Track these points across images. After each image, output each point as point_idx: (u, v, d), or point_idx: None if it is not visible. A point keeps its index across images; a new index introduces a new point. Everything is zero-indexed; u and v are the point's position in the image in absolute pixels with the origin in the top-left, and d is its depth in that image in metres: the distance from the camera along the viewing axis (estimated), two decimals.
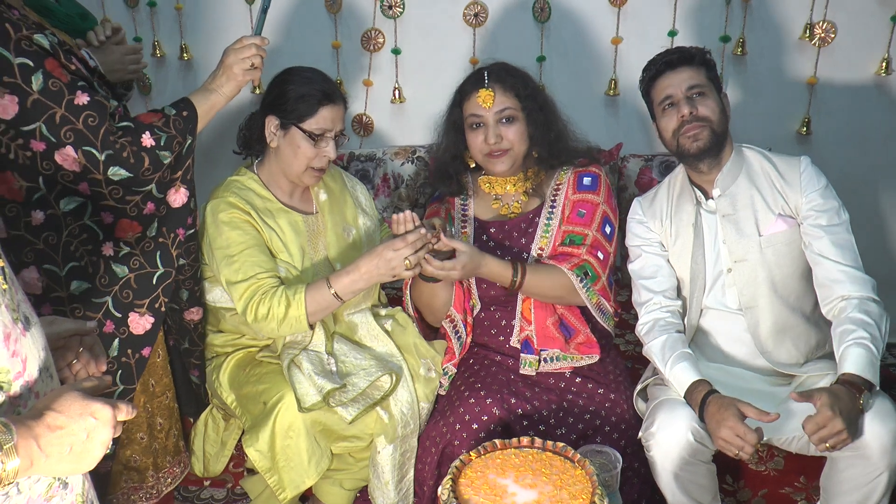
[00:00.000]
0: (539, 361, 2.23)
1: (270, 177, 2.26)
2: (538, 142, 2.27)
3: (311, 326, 2.14)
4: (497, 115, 2.23)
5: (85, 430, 1.03)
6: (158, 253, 2.02)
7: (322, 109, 2.15)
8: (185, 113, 1.98)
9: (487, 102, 2.22)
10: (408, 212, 2.07)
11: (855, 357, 1.88)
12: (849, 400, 1.81)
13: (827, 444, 1.79)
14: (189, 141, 2.00)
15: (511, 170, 2.30)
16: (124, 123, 1.90)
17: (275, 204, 2.24)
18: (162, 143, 1.92)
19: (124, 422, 1.10)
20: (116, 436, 1.07)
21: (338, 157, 2.92)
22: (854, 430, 1.80)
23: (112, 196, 1.91)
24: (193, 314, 2.20)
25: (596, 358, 2.24)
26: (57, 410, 1.02)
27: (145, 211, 1.98)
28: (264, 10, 2.10)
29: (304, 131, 2.15)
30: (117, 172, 1.88)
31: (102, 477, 2.06)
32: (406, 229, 2.07)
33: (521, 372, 2.24)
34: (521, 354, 2.24)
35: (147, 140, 1.90)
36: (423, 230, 2.05)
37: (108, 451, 1.08)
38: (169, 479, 2.16)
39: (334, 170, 2.44)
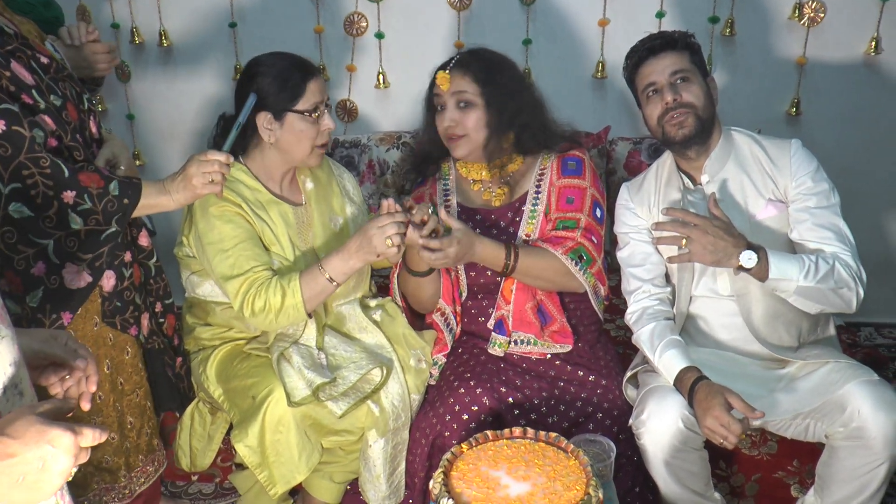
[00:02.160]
0: (508, 343, 2.21)
1: (262, 168, 2.20)
2: (502, 132, 2.22)
3: (310, 315, 2.10)
4: (454, 98, 2.20)
5: (40, 459, 0.94)
6: (31, 328, 1.82)
7: (309, 84, 2.10)
8: (125, 200, 1.82)
9: (444, 84, 2.20)
10: (391, 200, 2.04)
11: (784, 254, 1.95)
12: (740, 236, 1.92)
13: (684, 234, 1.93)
14: (111, 230, 1.84)
15: (473, 156, 2.26)
16: (59, 162, 1.73)
17: (265, 195, 2.19)
18: (79, 210, 1.76)
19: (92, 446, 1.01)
20: (83, 462, 0.99)
21: (323, 142, 2.89)
22: (710, 244, 1.90)
23: (4, 239, 1.76)
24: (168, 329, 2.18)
25: (568, 348, 2.22)
26: (10, 436, 0.93)
27: (34, 271, 1.80)
28: (237, 128, 1.95)
29: (301, 112, 2.10)
30: (19, 210, 1.73)
31: (73, 480, 2.01)
32: (389, 205, 2.04)
33: (489, 352, 2.22)
34: (493, 334, 2.23)
35: (68, 196, 1.75)
36: (408, 214, 2.02)
37: (70, 478, 0.99)
38: (142, 479, 2.11)
39: None
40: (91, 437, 0.99)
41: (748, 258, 1.90)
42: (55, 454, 0.95)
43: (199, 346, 2.29)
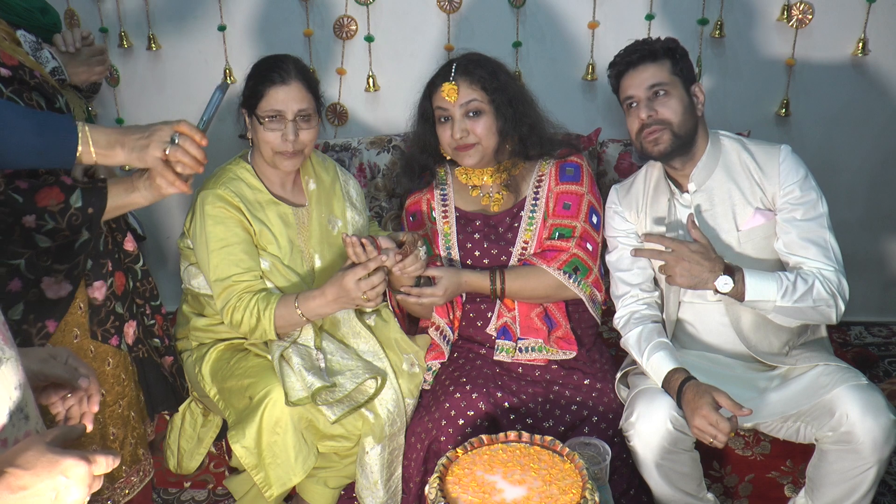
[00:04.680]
0: (515, 350, 2.21)
1: (260, 167, 2.24)
2: (508, 135, 2.25)
3: (280, 337, 2.14)
4: (462, 108, 2.20)
5: (53, 490, 0.91)
6: (18, 340, 1.70)
7: (269, 91, 2.12)
8: (90, 210, 1.72)
9: (451, 96, 2.19)
10: (355, 238, 2.02)
11: (762, 274, 1.95)
12: (717, 260, 1.94)
13: (666, 266, 1.98)
14: (83, 238, 1.78)
15: (482, 162, 2.27)
16: (10, 192, 1.65)
17: (265, 195, 2.21)
18: (43, 231, 1.69)
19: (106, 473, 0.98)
20: (97, 489, 0.96)
21: (314, 145, 2.88)
22: (685, 270, 1.94)
23: None
24: (165, 365, 2.15)
25: (572, 354, 2.23)
26: (21, 467, 0.90)
27: (10, 288, 1.74)
28: (203, 124, 1.71)
29: (258, 117, 2.13)
30: None
31: None
32: (358, 254, 2.02)
33: (495, 358, 2.22)
34: (497, 341, 2.24)
35: (29, 221, 1.67)
36: (382, 257, 2.02)
37: None
38: (126, 490, 2.07)
39: (328, 161, 2.42)
40: (105, 464, 0.96)
41: (724, 283, 1.93)
42: (68, 485, 0.92)
43: (195, 339, 2.30)
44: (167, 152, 1.62)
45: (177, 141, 1.63)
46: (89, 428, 1.21)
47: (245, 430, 2.02)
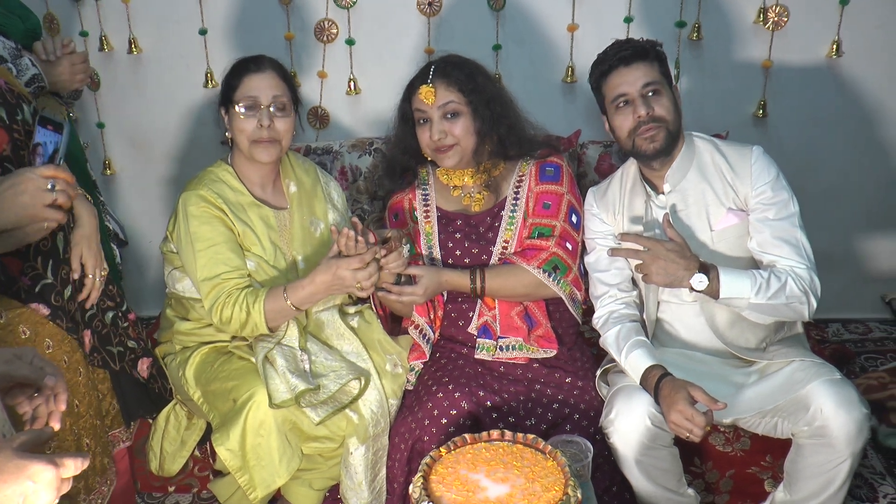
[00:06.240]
0: (496, 348, 2.23)
1: (241, 168, 2.25)
2: (487, 136, 2.26)
3: (272, 330, 2.14)
4: (440, 110, 2.22)
5: (21, 495, 0.91)
6: None
7: (244, 79, 2.15)
8: None
9: (429, 98, 2.21)
10: (351, 232, 2.03)
11: (737, 272, 1.98)
12: (692, 258, 1.96)
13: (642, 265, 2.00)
14: None
15: (462, 163, 2.29)
16: None
17: (247, 197, 2.22)
18: None
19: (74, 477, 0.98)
20: (65, 491, 0.96)
21: (295, 148, 2.89)
22: (661, 268, 1.96)
23: None
24: (143, 367, 2.13)
25: (553, 353, 2.25)
26: None
27: None
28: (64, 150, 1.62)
29: (234, 105, 2.15)
30: None
31: None
32: (350, 247, 2.03)
33: (476, 357, 2.24)
34: (478, 340, 2.25)
35: None
36: (376, 248, 2.04)
37: None
38: (98, 500, 2.06)
39: (308, 163, 2.43)
40: (73, 467, 0.96)
41: (699, 281, 1.95)
42: (36, 490, 0.92)
43: (178, 343, 2.29)
44: (56, 199, 1.55)
45: (55, 185, 1.55)
46: (56, 427, 1.20)
47: (229, 433, 2.02)
